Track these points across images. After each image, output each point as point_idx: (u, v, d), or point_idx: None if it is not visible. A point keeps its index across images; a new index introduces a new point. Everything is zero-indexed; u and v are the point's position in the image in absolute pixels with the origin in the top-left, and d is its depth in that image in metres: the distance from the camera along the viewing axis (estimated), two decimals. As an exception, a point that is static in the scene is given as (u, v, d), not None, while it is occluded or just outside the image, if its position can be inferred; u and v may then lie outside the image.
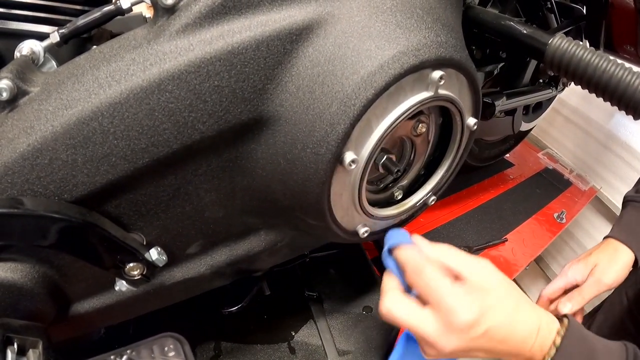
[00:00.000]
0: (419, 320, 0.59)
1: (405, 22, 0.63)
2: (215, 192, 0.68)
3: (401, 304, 0.61)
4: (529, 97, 1.33)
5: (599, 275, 1.01)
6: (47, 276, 0.63)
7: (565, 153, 2.13)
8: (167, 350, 0.52)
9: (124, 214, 0.63)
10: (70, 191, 0.56)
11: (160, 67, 0.55)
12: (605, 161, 1.98)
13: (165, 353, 0.51)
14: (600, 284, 1.00)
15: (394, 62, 0.59)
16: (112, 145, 0.56)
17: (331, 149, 0.60)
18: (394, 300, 0.62)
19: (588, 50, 0.82)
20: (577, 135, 2.11)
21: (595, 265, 1.02)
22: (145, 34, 0.59)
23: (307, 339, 1.04)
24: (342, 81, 0.59)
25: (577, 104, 2.08)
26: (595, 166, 2.03)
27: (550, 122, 2.20)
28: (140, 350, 0.52)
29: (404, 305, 0.61)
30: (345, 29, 0.61)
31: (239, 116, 0.60)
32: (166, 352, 0.51)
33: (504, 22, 1.00)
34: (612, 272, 1.01)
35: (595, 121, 2.01)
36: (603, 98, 0.84)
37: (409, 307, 0.61)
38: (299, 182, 0.64)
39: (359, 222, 0.75)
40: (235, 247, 0.77)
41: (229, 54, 0.57)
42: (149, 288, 0.73)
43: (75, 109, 0.54)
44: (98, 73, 0.56)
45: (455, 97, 0.70)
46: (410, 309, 0.60)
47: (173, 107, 0.56)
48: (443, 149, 0.82)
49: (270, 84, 0.61)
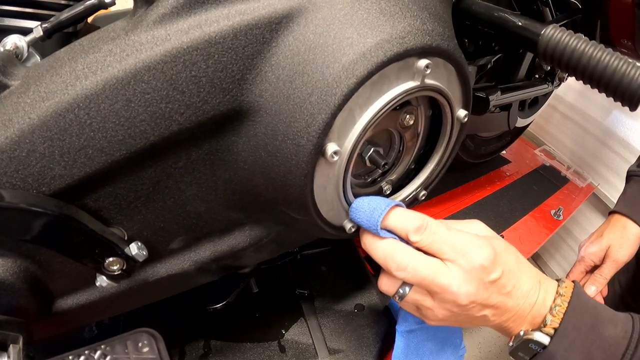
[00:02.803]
0: (441, 269, 0.59)
1: (390, 10, 0.62)
2: (196, 186, 0.66)
3: (420, 255, 0.60)
4: (524, 92, 1.32)
5: (615, 256, 1.11)
6: (28, 271, 0.62)
7: (563, 150, 2.11)
8: (141, 346, 0.51)
9: (104, 208, 0.62)
10: (48, 184, 0.55)
11: (136, 58, 0.54)
12: (603, 158, 1.97)
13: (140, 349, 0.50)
14: (618, 262, 1.11)
15: (377, 49, 0.58)
16: (88, 137, 0.55)
17: (312, 139, 0.58)
18: (409, 251, 0.60)
19: (582, 40, 0.81)
20: (575, 131, 2.10)
21: (609, 247, 1.12)
22: (124, 25, 0.58)
23: (298, 337, 1.03)
24: (323, 70, 0.58)
25: (574, 100, 2.07)
26: (593, 163, 2.02)
27: (547, 119, 2.19)
28: (114, 346, 0.51)
29: (422, 255, 0.60)
30: (327, 17, 0.60)
31: (217, 107, 0.59)
32: (140, 347, 0.50)
33: (497, 13, 0.99)
34: (626, 250, 1.11)
35: (592, 117, 1.99)
36: (598, 89, 0.82)
37: (427, 257, 0.60)
38: (281, 174, 0.63)
39: (346, 217, 0.74)
40: (219, 243, 0.76)
41: (206, 43, 0.56)
42: (132, 284, 0.72)
43: (51, 100, 0.54)
44: (75, 65, 0.55)
45: (444, 88, 0.69)
46: (431, 261, 0.59)
47: (149, 98, 0.55)
48: (434, 143, 0.81)
49: (250, 74, 0.59)
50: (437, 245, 0.60)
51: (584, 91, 1.98)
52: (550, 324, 0.61)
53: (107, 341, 0.51)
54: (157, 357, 0.50)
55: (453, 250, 0.59)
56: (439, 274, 0.58)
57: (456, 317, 0.62)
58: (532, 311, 0.62)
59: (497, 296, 0.60)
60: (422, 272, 0.58)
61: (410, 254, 0.60)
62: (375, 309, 1.09)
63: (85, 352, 0.51)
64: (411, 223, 0.61)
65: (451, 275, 0.58)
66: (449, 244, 0.59)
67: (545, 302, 0.62)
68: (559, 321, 0.60)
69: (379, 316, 1.08)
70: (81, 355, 0.51)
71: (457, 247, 0.59)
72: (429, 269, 0.59)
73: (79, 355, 0.51)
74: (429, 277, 0.58)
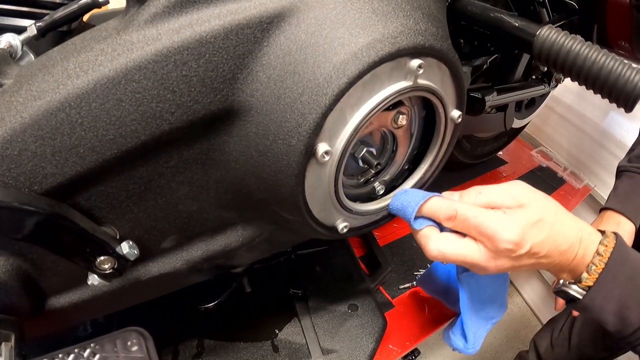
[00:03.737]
0: (468, 251, 0.65)
1: (383, 9, 0.62)
2: (188, 185, 0.66)
3: (447, 241, 0.66)
4: (520, 93, 1.32)
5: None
6: (21, 269, 0.62)
7: (560, 151, 2.11)
8: (130, 344, 0.51)
9: (95, 207, 0.62)
10: (40, 182, 0.55)
11: (127, 57, 0.55)
12: (600, 159, 1.97)
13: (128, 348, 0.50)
14: None
15: (369, 49, 0.58)
16: (80, 136, 0.55)
17: (303, 139, 0.58)
18: (438, 240, 0.66)
19: (577, 41, 0.80)
20: (572, 133, 2.10)
21: None
22: (116, 24, 0.58)
23: (291, 337, 1.03)
24: (314, 70, 0.58)
25: (571, 101, 2.07)
26: (590, 164, 2.02)
27: (544, 120, 2.19)
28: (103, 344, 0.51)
29: (450, 241, 0.66)
30: (318, 17, 0.60)
31: (208, 107, 0.59)
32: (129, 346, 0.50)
33: (493, 14, 0.99)
34: None
35: (589, 119, 1.99)
36: (594, 90, 0.82)
37: (455, 242, 0.66)
38: (272, 174, 0.63)
39: (338, 217, 0.74)
40: (211, 242, 0.76)
41: (197, 43, 0.56)
42: (124, 283, 0.72)
43: (43, 100, 0.54)
44: (67, 64, 0.55)
45: (437, 88, 0.69)
46: (458, 244, 0.66)
47: (140, 98, 0.55)
48: (427, 143, 0.81)
49: (241, 74, 0.59)
50: (466, 230, 0.66)
51: (581, 92, 1.98)
52: (585, 281, 0.65)
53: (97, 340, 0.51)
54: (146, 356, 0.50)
55: (480, 235, 0.64)
56: (466, 256, 0.65)
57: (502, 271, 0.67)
58: (571, 265, 0.65)
59: (530, 260, 0.64)
60: (450, 257, 0.66)
61: (439, 243, 0.66)
62: (369, 310, 1.09)
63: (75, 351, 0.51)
64: (442, 213, 0.66)
65: (479, 256, 0.65)
66: (476, 230, 0.64)
67: (584, 258, 0.65)
68: (593, 280, 0.64)
69: (372, 316, 1.07)
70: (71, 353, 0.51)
71: (483, 231, 0.63)
72: (455, 255, 0.65)
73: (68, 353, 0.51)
74: (457, 259, 0.66)
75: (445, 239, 0.66)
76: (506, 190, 0.66)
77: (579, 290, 0.66)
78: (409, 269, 1.33)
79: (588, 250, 0.65)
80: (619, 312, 0.64)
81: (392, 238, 1.41)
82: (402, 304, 1.24)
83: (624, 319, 0.64)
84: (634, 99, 0.78)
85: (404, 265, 1.34)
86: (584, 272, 0.65)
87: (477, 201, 0.67)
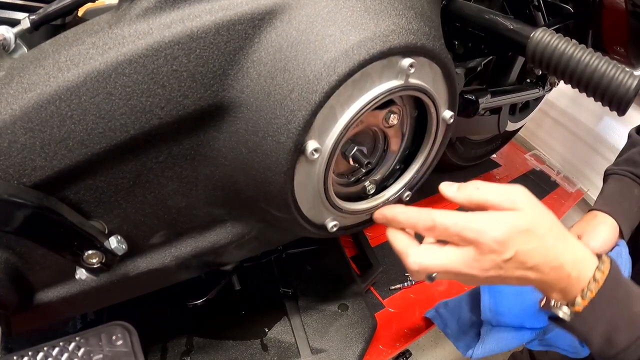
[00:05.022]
0: (451, 259, 0.62)
1: (375, 8, 0.62)
2: (177, 181, 0.66)
3: (427, 254, 0.64)
4: (514, 96, 1.32)
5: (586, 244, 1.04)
6: (8, 262, 0.62)
7: (553, 155, 2.12)
8: (115, 339, 0.51)
9: (84, 201, 0.62)
10: (28, 175, 0.55)
11: (118, 51, 0.55)
12: (593, 164, 1.98)
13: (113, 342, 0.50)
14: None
15: (360, 47, 0.58)
16: (69, 129, 0.55)
17: (292, 136, 0.58)
18: (418, 253, 0.64)
19: (571, 44, 0.80)
20: (565, 137, 2.10)
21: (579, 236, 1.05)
22: (108, 18, 0.59)
23: (281, 336, 1.03)
24: (305, 67, 0.58)
25: (565, 106, 2.07)
26: (583, 168, 2.02)
27: (538, 124, 2.19)
28: (88, 338, 0.51)
29: (430, 253, 0.64)
30: (310, 14, 0.60)
31: (198, 102, 0.59)
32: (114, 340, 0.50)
33: (488, 16, 0.99)
34: (598, 238, 1.04)
35: (583, 123, 2.00)
36: (586, 93, 0.82)
37: (436, 252, 0.63)
38: (261, 171, 0.63)
39: (327, 215, 0.74)
40: (200, 239, 0.76)
41: (188, 38, 0.56)
42: (112, 278, 0.72)
43: (33, 92, 0.54)
44: (59, 57, 0.56)
45: (428, 88, 0.69)
46: (439, 254, 0.63)
47: (130, 92, 0.56)
48: (419, 143, 0.81)
49: (231, 70, 0.59)
50: (448, 238, 0.63)
51: (575, 97, 1.98)
52: (577, 306, 0.63)
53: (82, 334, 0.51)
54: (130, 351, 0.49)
55: (463, 240, 0.61)
56: (448, 265, 0.62)
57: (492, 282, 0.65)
58: (562, 284, 0.63)
59: (517, 270, 0.61)
60: (432, 269, 0.63)
61: (418, 256, 0.64)
62: (359, 310, 1.09)
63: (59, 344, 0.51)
64: (421, 224, 0.64)
65: (463, 262, 0.62)
66: (458, 236, 0.61)
67: (578, 281, 0.63)
68: (585, 305, 0.62)
69: (362, 317, 1.07)
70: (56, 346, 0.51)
71: (465, 236, 0.60)
72: (437, 266, 0.63)
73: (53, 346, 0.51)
74: (440, 270, 0.63)
75: (424, 251, 0.64)
76: (506, 192, 0.64)
77: (569, 312, 0.64)
78: (400, 270, 1.33)
79: (582, 273, 0.63)
80: (607, 333, 0.63)
81: (383, 238, 1.40)
82: (392, 305, 1.24)
83: (610, 340, 0.63)
84: (627, 102, 0.78)
85: (395, 266, 1.34)
86: (577, 297, 0.63)
87: (473, 197, 0.64)
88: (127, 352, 0.50)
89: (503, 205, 0.62)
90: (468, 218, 0.61)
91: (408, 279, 1.30)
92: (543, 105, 1.71)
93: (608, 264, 0.64)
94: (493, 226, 0.60)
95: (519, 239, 0.60)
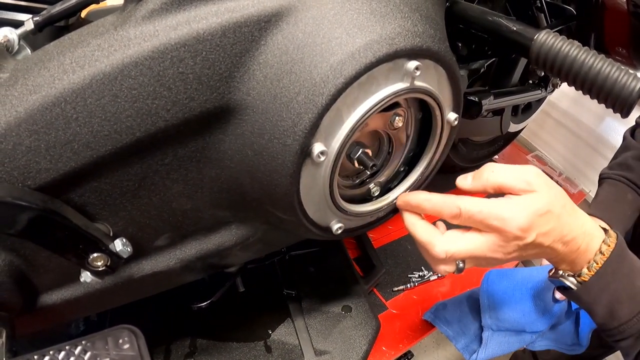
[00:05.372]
0: (476, 245, 0.65)
1: (381, 11, 0.62)
2: (182, 183, 0.66)
3: (452, 241, 0.66)
4: (517, 97, 1.32)
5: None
6: (13, 265, 0.62)
7: (555, 156, 2.12)
8: (121, 342, 0.50)
9: (89, 203, 0.62)
10: (33, 178, 0.55)
11: (124, 53, 0.55)
12: (595, 165, 1.97)
13: (120, 345, 0.50)
14: None
15: (366, 50, 0.58)
16: (74, 131, 0.55)
17: (298, 139, 0.58)
18: (445, 240, 0.67)
19: (575, 46, 0.80)
20: (567, 138, 2.10)
21: None
22: (113, 20, 0.58)
23: (284, 337, 1.03)
24: (311, 70, 0.58)
25: (567, 107, 2.07)
26: (585, 170, 2.02)
27: (540, 125, 2.19)
28: (94, 342, 0.50)
29: (455, 240, 0.67)
30: (316, 17, 0.60)
31: (204, 104, 0.59)
32: (120, 344, 0.50)
33: (491, 17, 0.99)
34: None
35: (585, 124, 2.00)
36: (590, 95, 0.82)
37: (461, 239, 0.66)
38: (267, 174, 0.63)
39: (332, 217, 0.73)
40: (205, 241, 0.76)
41: (194, 40, 0.56)
42: (117, 281, 0.72)
43: (38, 94, 0.54)
44: (63, 59, 0.55)
45: (433, 90, 0.69)
46: (464, 240, 0.66)
47: (136, 94, 0.55)
48: (423, 145, 0.81)
49: (237, 72, 0.59)
50: (473, 224, 0.65)
51: (577, 98, 1.98)
52: (584, 276, 0.67)
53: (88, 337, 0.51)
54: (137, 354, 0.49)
55: (487, 227, 0.64)
56: (474, 250, 0.65)
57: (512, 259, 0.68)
58: (572, 256, 0.66)
59: (534, 249, 0.65)
60: (459, 255, 0.66)
61: (444, 245, 0.66)
62: (362, 311, 1.09)
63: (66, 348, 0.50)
64: (446, 211, 0.67)
65: (487, 247, 0.65)
66: (483, 223, 0.64)
67: (586, 253, 0.66)
68: (591, 275, 0.66)
69: (365, 318, 1.07)
70: (62, 350, 0.50)
71: (490, 223, 0.63)
72: (464, 252, 0.66)
73: (59, 350, 0.50)
74: (466, 254, 0.66)
75: (450, 238, 0.67)
76: (520, 173, 0.66)
77: (575, 282, 0.68)
78: (403, 272, 1.33)
79: (590, 246, 0.66)
80: (610, 305, 0.66)
81: (386, 240, 1.41)
82: (395, 306, 1.24)
83: (613, 312, 0.67)
84: (630, 105, 0.78)
85: (398, 268, 1.34)
86: (584, 268, 0.67)
87: (490, 180, 0.66)
88: (134, 355, 0.49)
89: (519, 187, 0.64)
90: (492, 205, 0.63)
91: (411, 280, 1.30)
92: (545, 107, 1.71)
93: (614, 238, 0.68)
94: (515, 214, 0.62)
95: (539, 222, 0.62)
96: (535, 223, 0.62)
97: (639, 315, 0.66)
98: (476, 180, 0.68)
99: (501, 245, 0.64)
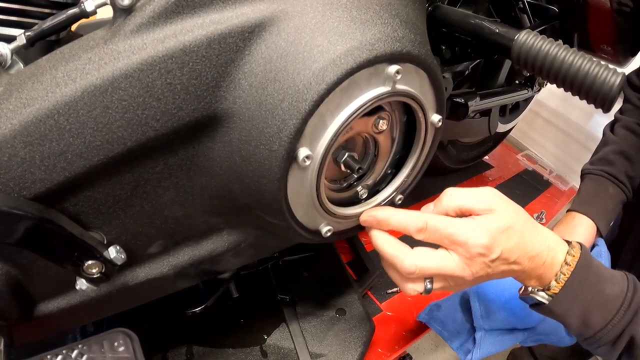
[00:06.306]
0: (444, 262, 0.65)
1: (361, 18, 0.64)
2: (173, 191, 0.68)
3: (422, 255, 0.67)
4: (503, 98, 1.34)
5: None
6: (9, 274, 0.63)
7: (545, 154, 2.13)
8: (117, 345, 0.52)
9: (83, 212, 0.63)
10: (29, 188, 0.56)
11: (114, 66, 0.56)
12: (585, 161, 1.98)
13: (115, 348, 0.52)
14: None
15: (347, 56, 0.60)
16: (68, 142, 0.56)
17: (284, 144, 0.60)
18: (413, 254, 0.67)
19: (554, 44, 0.82)
20: (557, 136, 2.12)
21: None
22: (103, 34, 0.60)
23: (280, 342, 1.03)
24: (294, 77, 0.60)
25: (556, 105, 2.10)
26: (575, 166, 2.03)
27: (529, 124, 2.21)
28: (91, 345, 0.52)
29: (425, 254, 0.67)
30: (298, 26, 0.61)
31: (192, 113, 0.61)
32: (116, 347, 0.52)
33: (473, 20, 1.01)
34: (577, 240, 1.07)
35: (574, 122, 2.02)
36: (572, 92, 0.84)
37: (431, 254, 0.66)
38: (255, 179, 0.64)
39: (321, 221, 0.75)
40: (197, 247, 0.77)
41: (181, 52, 0.57)
42: (112, 288, 0.73)
43: (33, 107, 0.55)
44: (56, 72, 0.57)
45: (416, 93, 0.70)
46: (433, 255, 0.66)
47: (126, 105, 0.57)
48: (409, 147, 0.83)
49: (223, 82, 0.61)
50: (439, 240, 0.66)
51: (565, 96, 2.00)
52: (553, 289, 0.68)
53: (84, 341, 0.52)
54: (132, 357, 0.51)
55: (453, 243, 0.65)
56: (442, 267, 0.65)
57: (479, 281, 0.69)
58: (539, 271, 0.68)
59: (502, 266, 0.66)
60: (428, 270, 0.66)
61: (414, 258, 0.66)
62: (357, 314, 1.10)
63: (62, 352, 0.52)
64: (412, 225, 0.67)
65: (455, 265, 0.65)
66: (449, 239, 0.65)
67: (552, 266, 0.68)
68: (560, 287, 0.68)
69: (360, 321, 1.08)
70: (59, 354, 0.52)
71: (456, 239, 0.64)
72: (432, 267, 0.66)
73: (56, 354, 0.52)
74: (435, 271, 0.66)
75: (419, 253, 0.67)
76: (478, 195, 0.68)
77: (546, 296, 0.69)
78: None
79: (555, 259, 0.68)
80: (582, 315, 0.68)
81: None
82: (390, 308, 1.25)
83: (586, 321, 0.68)
84: (611, 100, 0.80)
85: (392, 270, 1.34)
86: (552, 280, 0.68)
87: (450, 204, 0.68)
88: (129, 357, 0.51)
89: (479, 207, 0.66)
90: (457, 222, 0.65)
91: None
92: (533, 106, 1.73)
93: (578, 249, 0.70)
94: (477, 232, 0.64)
95: (502, 238, 0.64)
96: (498, 239, 0.64)
97: (612, 322, 0.67)
98: (437, 206, 0.70)
99: (467, 264, 0.65)
